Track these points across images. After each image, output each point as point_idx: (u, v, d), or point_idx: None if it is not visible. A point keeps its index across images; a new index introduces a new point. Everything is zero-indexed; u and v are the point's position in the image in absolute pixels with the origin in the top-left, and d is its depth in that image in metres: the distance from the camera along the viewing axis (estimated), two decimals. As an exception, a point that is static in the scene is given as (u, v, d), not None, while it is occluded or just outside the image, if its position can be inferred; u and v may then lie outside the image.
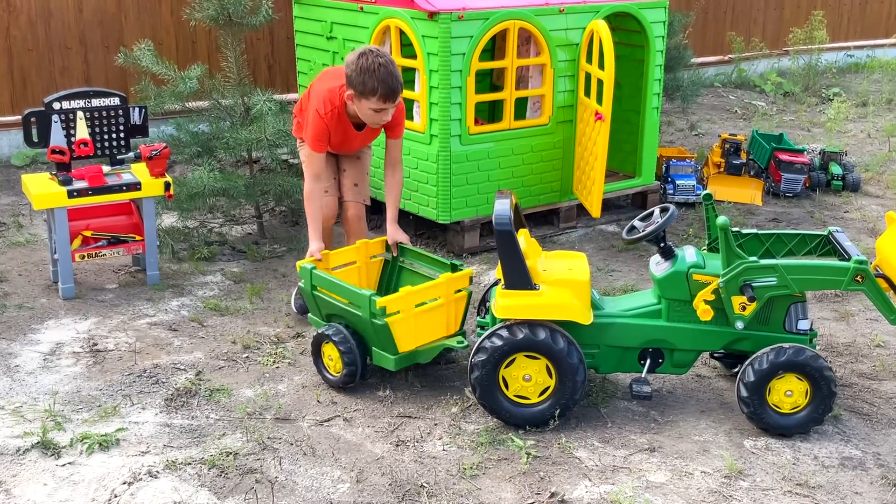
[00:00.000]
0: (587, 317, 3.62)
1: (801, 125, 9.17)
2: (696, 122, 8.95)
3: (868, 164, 7.76)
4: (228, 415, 3.76)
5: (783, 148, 7.01)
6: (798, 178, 6.79)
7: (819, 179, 6.99)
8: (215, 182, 5.24)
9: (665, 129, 8.69)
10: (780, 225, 6.23)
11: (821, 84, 10.75)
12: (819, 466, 3.46)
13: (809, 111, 9.80)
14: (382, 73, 3.92)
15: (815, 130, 8.95)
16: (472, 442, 3.57)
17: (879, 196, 6.97)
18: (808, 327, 3.70)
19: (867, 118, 9.45)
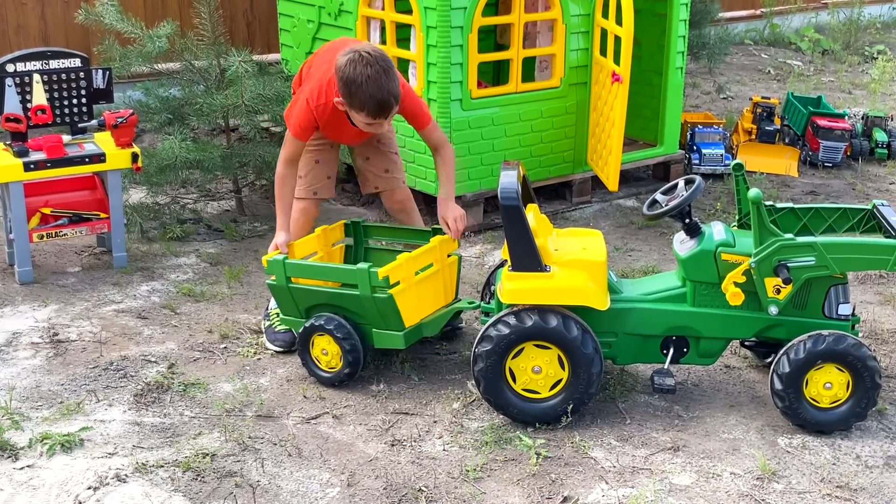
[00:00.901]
0: (604, 302, 3.61)
1: (841, 87, 9.14)
2: (725, 84, 8.90)
3: (916, 130, 7.72)
4: (205, 412, 3.76)
5: (821, 112, 6.99)
6: (838, 146, 6.77)
7: (861, 147, 6.96)
8: (188, 153, 5.22)
9: (690, 93, 8.65)
10: (819, 198, 6.22)
11: (863, 41, 10.69)
12: (862, 467, 3.45)
13: (851, 71, 9.76)
14: (371, 87, 3.76)
15: (856, 93, 8.92)
16: (476, 441, 3.57)
17: (929, 166, 6.95)
18: (850, 312, 3.69)
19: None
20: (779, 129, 6.95)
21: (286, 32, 6.43)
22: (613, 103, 5.35)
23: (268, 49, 7.78)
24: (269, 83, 5.44)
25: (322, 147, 4.33)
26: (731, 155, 6.72)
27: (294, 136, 4.10)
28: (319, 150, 4.32)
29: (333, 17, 5.85)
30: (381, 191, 4.44)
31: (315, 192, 4.36)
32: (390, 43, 5.53)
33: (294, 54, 6.36)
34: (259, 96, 5.34)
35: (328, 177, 4.39)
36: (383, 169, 4.40)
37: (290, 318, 4.06)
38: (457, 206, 4.19)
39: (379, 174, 4.41)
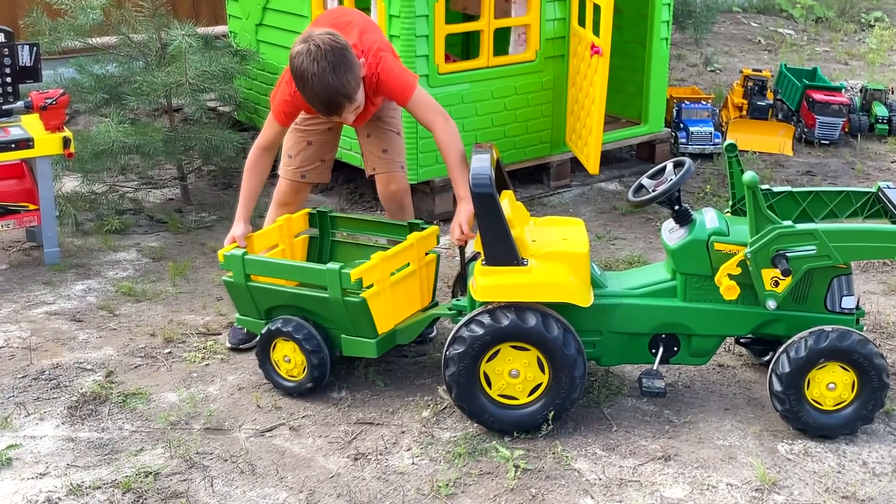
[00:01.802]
0: (587, 297, 3.56)
1: (836, 57, 9.17)
2: (712, 56, 8.90)
3: (918, 103, 7.76)
4: (147, 425, 3.69)
5: (817, 86, 7.02)
6: (835, 122, 6.79)
7: (860, 123, 7.00)
8: (127, 137, 5.16)
9: (675, 65, 8.65)
10: (816, 179, 6.23)
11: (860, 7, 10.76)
12: (869, 475, 3.43)
13: (847, 40, 9.79)
14: (317, 85, 3.67)
15: (853, 63, 8.95)
16: (448, 453, 3.52)
17: (932, 142, 6.98)
18: (855, 305, 3.67)
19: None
20: (771, 104, 6.97)
21: (234, 2, 6.35)
22: (593, 78, 5.31)
23: (214, 20, 7.70)
24: (215, 58, 5.40)
25: (317, 127, 4.22)
26: (721, 133, 6.72)
27: (275, 119, 4.02)
28: (314, 130, 4.23)
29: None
30: (377, 174, 4.31)
31: (303, 175, 4.27)
32: (349, 13, 5.43)
33: (243, 26, 6.26)
34: (205, 73, 5.30)
35: (322, 160, 4.29)
36: (381, 149, 4.28)
37: (247, 319, 3.97)
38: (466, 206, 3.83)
39: (377, 154, 4.29)
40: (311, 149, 4.23)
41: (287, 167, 4.25)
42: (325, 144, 4.26)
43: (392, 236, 4.23)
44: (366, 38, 3.92)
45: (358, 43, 3.87)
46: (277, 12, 5.94)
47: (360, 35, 3.93)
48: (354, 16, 4.11)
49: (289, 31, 5.86)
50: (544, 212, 5.65)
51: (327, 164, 4.33)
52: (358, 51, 3.82)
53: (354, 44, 3.83)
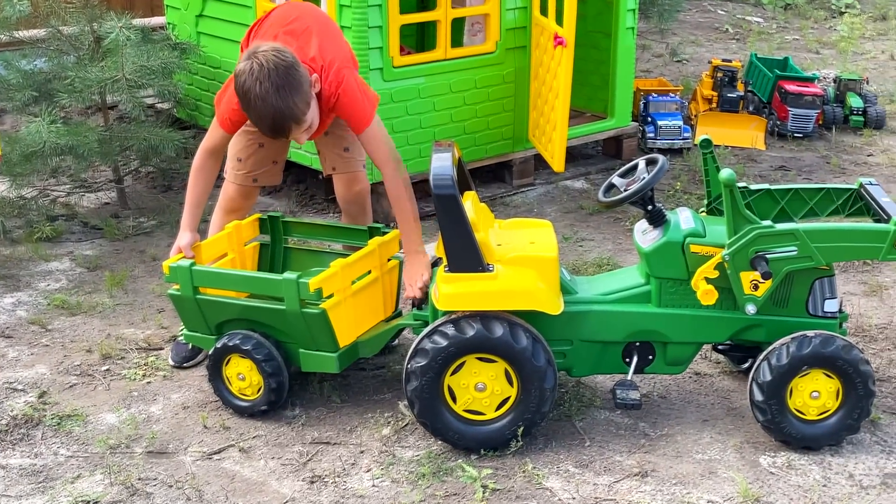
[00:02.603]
0: (556, 305, 3.56)
1: (807, 46, 9.27)
2: (678, 45, 8.95)
3: (893, 93, 7.95)
4: (84, 450, 3.64)
5: (789, 76, 7.10)
6: (809, 114, 6.86)
7: (834, 115, 7.07)
8: (58, 137, 5.10)
9: (640, 56, 8.73)
10: (790, 174, 6.29)
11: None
12: (856, 487, 3.45)
13: (817, 28, 9.90)
14: (260, 108, 3.61)
15: (825, 52, 9.06)
16: (411, 473, 3.51)
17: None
18: (838, 308, 3.69)
19: (888, 35, 9.59)
20: (742, 95, 7.03)
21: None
22: (557, 71, 5.31)
23: (151, 11, 7.65)
24: (153, 52, 5.36)
25: None
26: (690, 126, 6.77)
27: (220, 125, 3.94)
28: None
29: (228, -26, 5.71)
30: (337, 174, 4.28)
31: (255, 179, 4.21)
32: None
33: (182, 17, 6.21)
34: (142, 68, 5.26)
35: (274, 161, 4.24)
36: (342, 147, 4.24)
37: (196, 335, 3.92)
38: (422, 262, 3.87)
39: (337, 153, 4.25)
40: (262, 151, 4.17)
41: (237, 171, 4.17)
42: (276, 146, 4.19)
43: (351, 241, 4.19)
44: (326, 51, 3.85)
45: (317, 56, 3.81)
46: (220, 2, 5.89)
47: (320, 47, 3.85)
48: (310, 20, 3.98)
49: (232, 22, 5.82)
50: (507, 212, 5.64)
51: (279, 165, 4.28)
52: (316, 65, 3.78)
53: (313, 57, 3.79)
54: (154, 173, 6.01)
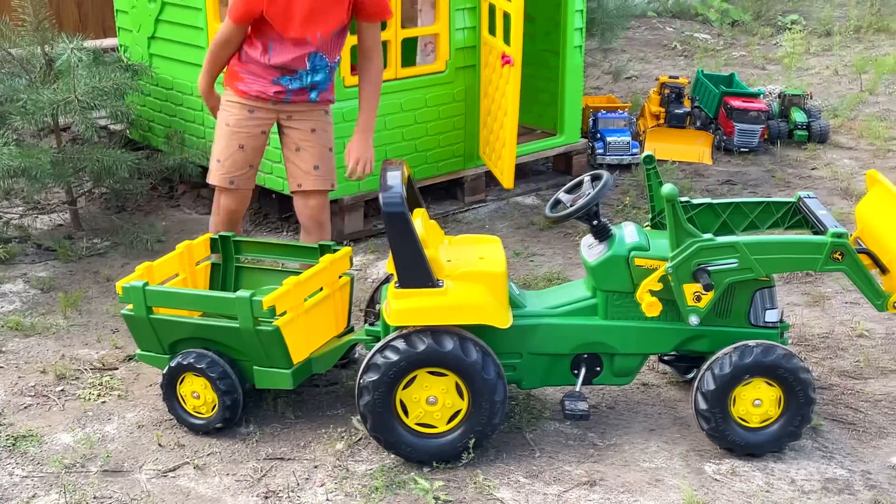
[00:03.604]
0: (505, 319, 3.59)
1: (753, 62, 9.41)
2: (627, 63, 9.05)
3: (836, 107, 8.04)
4: (39, 469, 3.63)
5: (734, 92, 7.18)
6: (754, 129, 6.95)
7: (779, 129, 7.17)
8: (10, 159, 5.06)
9: (590, 73, 8.79)
10: (736, 188, 6.37)
11: (775, 10, 11.05)
12: (797, 493, 3.51)
13: (763, 44, 10.06)
14: None
15: (770, 68, 9.19)
16: (364, 487, 3.53)
17: (852, 147, 7.19)
18: (778, 319, 3.76)
19: (832, 51, 9.76)
20: (689, 111, 7.12)
21: (124, 14, 6.28)
22: (505, 89, 5.37)
23: (103, 33, 7.61)
24: (105, 74, 5.33)
25: (250, 128, 4.26)
26: (639, 142, 6.82)
27: (234, 21, 4.13)
28: (247, 132, 4.26)
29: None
30: (303, 190, 4.34)
31: (232, 182, 4.28)
32: (247, 25, 5.41)
33: (134, 39, 6.21)
34: (94, 90, 5.24)
35: (251, 166, 4.33)
36: (313, 165, 4.33)
37: (150, 355, 3.92)
38: (371, 146, 4.29)
39: (306, 170, 4.32)
40: (241, 153, 4.27)
41: (216, 172, 4.28)
42: (255, 151, 4.31)
43: (302, 260, 4.22)
44: None
45: None
46: (171, 24, 5.89)
47: None
48: None
49: (184, 43, 5.82)
50: (460, 228, 5.69)
51: (254, 170, 4.36)
52: None
53: None
54: (108, 194, 5.99)
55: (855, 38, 10.24)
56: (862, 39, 10.22)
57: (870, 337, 4.56)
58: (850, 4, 11.23)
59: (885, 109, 8.07)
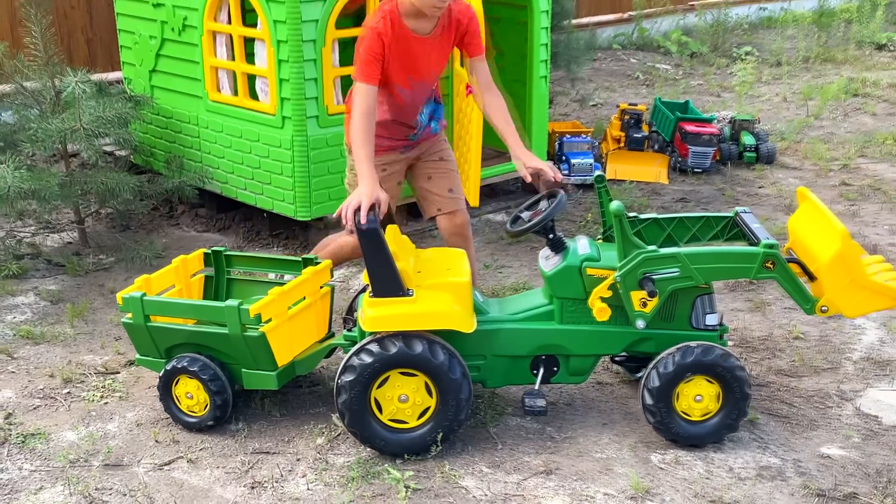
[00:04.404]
0: (469, 324, 3.65)
1: (710, 90, 9.49)
2: (594, 91, 9.14)
3: (784, 131, 8.10)
4: (46, 464, 3.66)
5: (689, 118, 7.24)
6: (706, 151, 7.02)
7: (730, 152, 7.25)
8: (21, 182, 5.09)
9: (560, 100, 8.85)
10: (689, 205, 6.44)
11: (731, 42, 11.15)
12: (734, 479, 3.58)
13: (719, 73, 10.15)
14: None
15: (725, 96, 9.28)
16: (342, 477, 3.57)
17: (797, 168, 7.27)
18: (718, 322, 3.82)
19: (782, 79, 9.85)
20: (647, 135, 7.17)
21: (127, 49, 6.32)
22: (471, 116, 5.42)
23: (111, 67, 7.64)
24: (109, 104, 5.37)
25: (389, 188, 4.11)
26: (601, 164, 6.89)
27: (361, 80, 3.86)
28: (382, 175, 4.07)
29: (177, 33, 5.78)
30: (443, 213, 4.31)
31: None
32: (239, 58, 5.50)
33: (137, 72, 6.26)
34: (99, 119, 5.28)
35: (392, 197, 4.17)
36: (447, 188, 4.30)
37: (147, 359, 3.97)
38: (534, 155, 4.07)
39: (442, 194, 4.30)
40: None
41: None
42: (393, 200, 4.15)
43: (288, 271, 4.28)
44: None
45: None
46: (170, 59, 5.96)
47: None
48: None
49: (182, 76, 5.89)
50: (435, 243, 5.70)
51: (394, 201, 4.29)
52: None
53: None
54: (112, 214, 6.02)
55: (803, 68, 10.35)
56: (810, 69, 10.32)
57: (805, 339, 4.64)
58: (799, 37, 11.34)
59: (828, 133, 8.16)
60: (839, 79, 9.71)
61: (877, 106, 8.94)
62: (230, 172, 5.73)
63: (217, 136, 5.75)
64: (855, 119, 8.56)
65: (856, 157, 7.43)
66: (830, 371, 4.35)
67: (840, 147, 7.71)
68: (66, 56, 7.29)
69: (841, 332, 4.70)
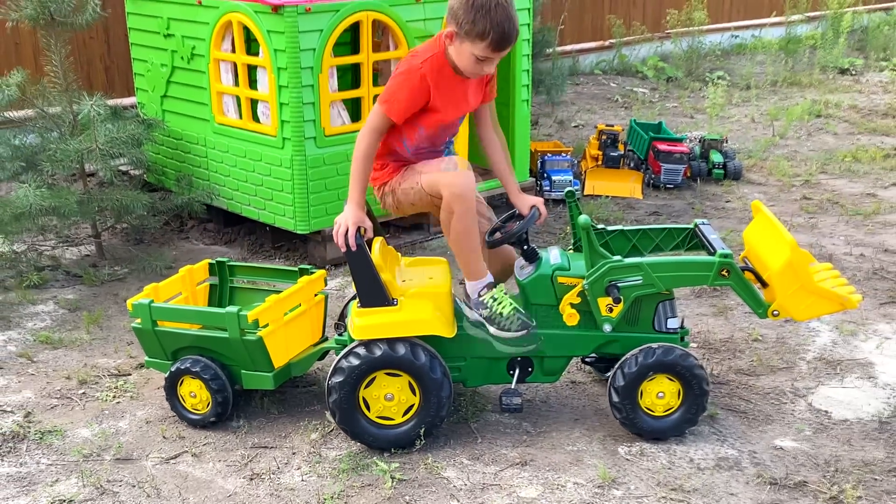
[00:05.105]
0: (450, 330, 3.70)
1: (684, 112, 9.56)
2: (575, 113, 9.22)
3: (751, 150, 8.15)
4: (62, 458, 3.71)
5: (661, 137, 7.30)
6: (678, 169, 7.09)
7: (700, 169, 7.30)
8: (42, 200, 5.14)
9: (544, 122, 8.93)
10: (661, 218, 6.50)
11: (704, 68, 11.22)
12: (694, 469, 3.63)
13: (693, 96, 10.22)
14: (500, 15, 3.44)
15: (698, 117, 9.34)
16: (334, 469, 3.62)
17: (762, 183, 7.33)
18: (679, 325, 3.87)
19: (751, 102, 9.92)
20: (623, 154, 7.24)
21: (141, 76, 6.40)
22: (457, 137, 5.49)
23: (128, 92, 7.69)
24: (123, 127, 5.41)
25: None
26: (580, 181, 6.95)
27: (388, 114, 3.63)
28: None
29: (186, 61, 5.86)
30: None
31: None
32: (243, 84, 5.57)
33: (149, 98, 6.33)
34: (113, 140, 5.31)
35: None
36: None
37: (155, 361, 4.03)
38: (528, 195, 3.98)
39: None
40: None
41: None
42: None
43: (286, 281, 4.32)
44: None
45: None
46: (180, 85, 6.03)
47: None
48: None
49: (190, 101, 5.96)
50: (425, 254, 5.77)
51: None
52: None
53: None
54: (127, 229, 6.07)
55: (771, 91, 10.42)
56: (777, 92, 10.39)
57: (763, 341, 4.71)
58: (767, 62, 11.40)
59: (792, 151, 8.22)
60: (804, 101, 9.78)
61: (838, 126, 9.01)
62: (235, 189, 5.81)
63: (223, 156, 5.83)
64: (817, 138, 8.62)
65: (817, 174, 7.50)
66: (786, 370, 4.41)
67: (803, 164, 7.77)
68: (85, 82, 7.37)
69: (796, 334, 4.76)
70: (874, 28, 12.79)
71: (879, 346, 4.63)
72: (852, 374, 4.37)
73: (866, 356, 4.53)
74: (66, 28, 5.45)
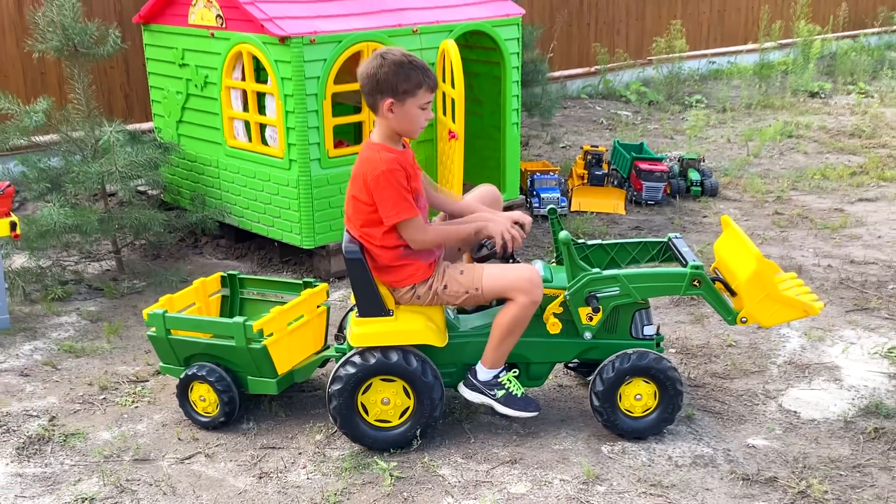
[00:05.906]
0: (442, 339, 3.73)
1: (664, 133, 9.59)
2: (563, 135, 9.27)
3: (727, 168, 8.18)
4: (84, 459, 3.74)
5: (643, 157, 7.33)
6: (658, 186, 7.11)
7: (679, 186, 7.32)
8: (66, 218, 5.18)
9: (534, 143, 8.96)
10: (643, 232, 6.53)
11: (683, 91, 11.26)
12: (672, 466, 3.66)
13: (673, 119, 10.26)
14: (417, 63, 3.50)
15: (677, 138, 9.38)
16: (337, 468, 3.64)
17: (737, 200, 7.36)
18: (654, 332, 3.90)
19: (727, 123, 9.96)
20: (607, 173, 7.26)
21: (158, 103, 6.44)
22: (453, 157, 5.54)
23: (146, 118, 7.75)
24: (141, 150, 5.45)
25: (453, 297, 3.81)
26: (567, 198, 6.98)
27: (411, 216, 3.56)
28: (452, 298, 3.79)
29: (200, 89, 5.91)
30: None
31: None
32: (252, 110, 5.62)
33: (165, 123, 6.38)
34: (132, 163, 5.35)
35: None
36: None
37: (169, 367, 4.06)
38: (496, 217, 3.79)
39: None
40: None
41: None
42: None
43: (291, 293, 4.34)
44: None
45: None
46: (194, 111, 6.08)
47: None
48: None
49: (204, 126, 6.01)
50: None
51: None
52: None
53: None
54: (145, 245, 6.10)
55: (746, 113, 10.46)
56: (751, 114, 10.43)
57: (737, 346, 4.73)
58: (742, 86, 11.46)
59: (765, 169, 8.26)
60: (776, 122, 9.82)
61: (808, 146, 9.06)
62: (246, 208, 5.85)
63: (234, 177, 5.87)
64: (789, 157, 8.66)
65: (788, 190, 7.53)
66: (758, 374, 4.44)
67: (775, 181, 7.80)
68: (106, 109, 7.43)
69: (768, 340, 4.79)
70: (842, 54, 12.86)
71: (845, 350, 4.66)
72: (820, 377, 4.40)
73: (833, 360, 4.56)
74: (88, 58, 5.50)
